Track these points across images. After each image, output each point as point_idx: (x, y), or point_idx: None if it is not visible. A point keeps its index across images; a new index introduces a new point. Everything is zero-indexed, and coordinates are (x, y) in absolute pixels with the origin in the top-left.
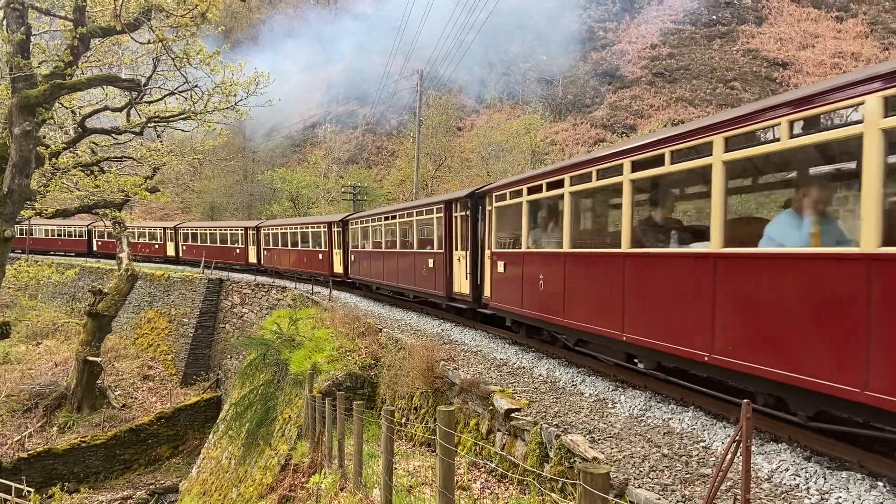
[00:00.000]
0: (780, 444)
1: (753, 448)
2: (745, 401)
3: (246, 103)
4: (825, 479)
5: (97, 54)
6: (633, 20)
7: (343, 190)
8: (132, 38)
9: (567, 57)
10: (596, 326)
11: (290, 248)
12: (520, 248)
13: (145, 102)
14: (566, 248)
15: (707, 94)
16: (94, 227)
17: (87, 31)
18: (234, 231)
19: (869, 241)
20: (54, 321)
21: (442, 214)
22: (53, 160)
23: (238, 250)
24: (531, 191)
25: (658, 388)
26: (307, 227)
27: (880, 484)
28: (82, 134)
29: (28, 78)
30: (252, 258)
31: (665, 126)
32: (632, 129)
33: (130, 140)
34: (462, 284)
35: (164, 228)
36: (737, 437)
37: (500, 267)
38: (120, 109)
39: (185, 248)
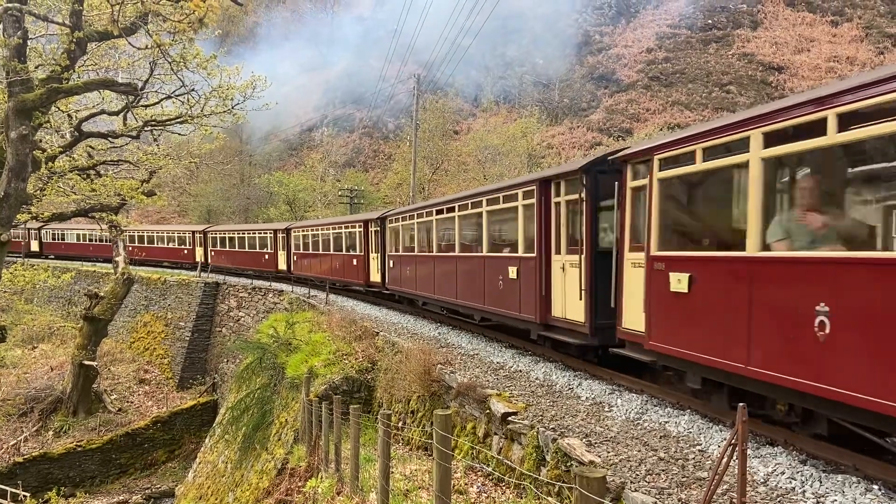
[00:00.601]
0: (775, 448)
1: (749, 451)
2: (741, 404)
3: (243, 107)
4: (821, 482)
5: (94, 58)
6: (629, 24)
7: (340, 193)
8: (129, 42)
9: (563, 61)
10: None
11: (321, 252)
12: (741, 249)
13: (142, 106)
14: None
15: (703, 97)
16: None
17: (83, 35)
18: (262, 234)
19: None
20: (50, 325)
21: (533, 200)
22: (50, 164)
23: (266, 256)
24: (778, 138)
25: (654, 392)
26: (341, 228)
27: (875, 487)
28: (79, 138)
29: (25, 82)
30: (282, 264)
31: (661, 130)
32: (628, 133)
33: (127, 144)
34: (570, 306)
35: (193, 233)
36: (733, 441)
37: (677, 283)
38: (116, 113)
39: (213, 253)
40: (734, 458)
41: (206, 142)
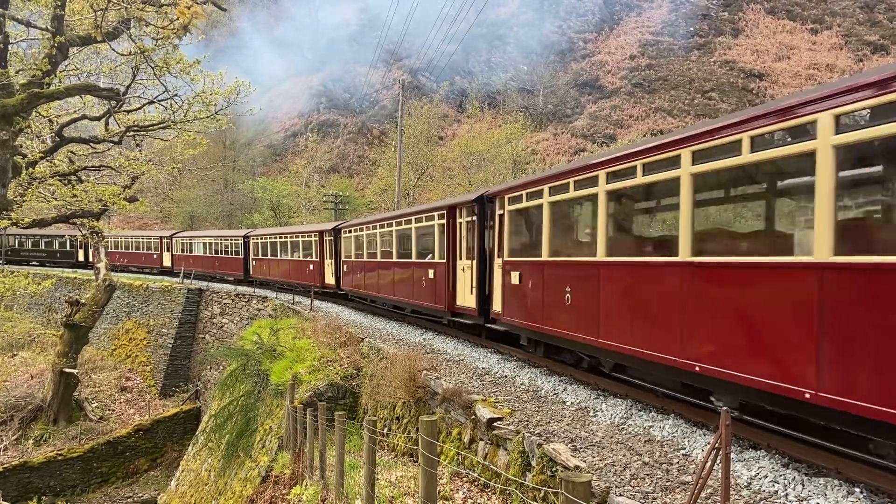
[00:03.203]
0: (758, 451)
1: (733, 455)
2: (724, 408)
3: (226, 112)
4: (803, 485)
5: (75, 63)
6: (613, 31)
7: (324, 199)
8: (111, 47)
9: (547, 67)
10: None
11: (379, 259)
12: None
13: (124, 111)
14: None
15: (685, 104)
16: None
17: (65, 40)
18: (306, 238)
19: None
20: (30, 332)
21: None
22: (30, 169)
23: (311, 266)
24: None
25: (639, 397)
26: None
27: (857, 490)
28: (60, 143)
29: (5, 87)
30: (329, 278)
31: (645, 136)
32: (611, 139)
33: (109, 149)
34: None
35: (233, 239)
36: (716, 445)
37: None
38: (98, 118)
39: (255, 263)
40: (718, 461)
41: (190, 147)
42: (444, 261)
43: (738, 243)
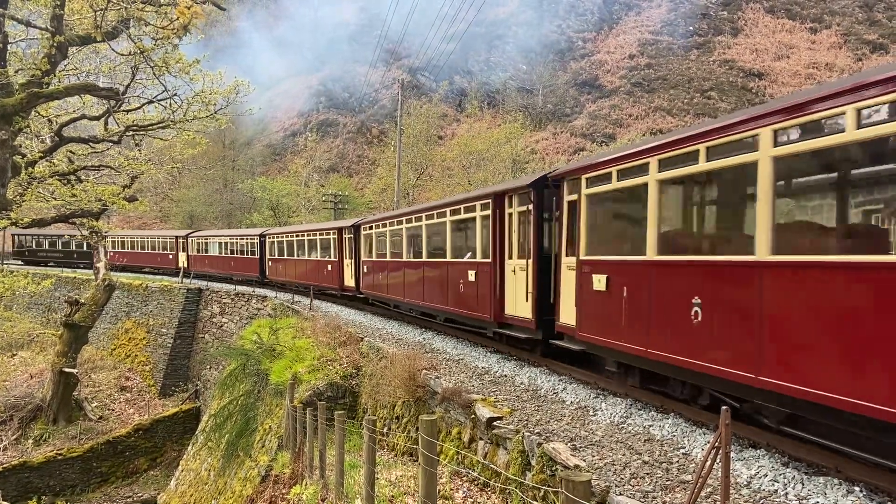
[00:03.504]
0: (758, 450)
1: (732, 454)
2: (724, 408)
3: (226, 112)
4: (803, 484)
5: (75, 62)
6: (612, 31)
7: (324, 198)
8: (111, 47)
9: (546, 66)
10: None
11: (406, 259)
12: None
13: (123, 111)
14: None
15: (685, 103)
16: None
17: (64, 39)
18: (324, 236)
19: None
20: (30, 332)
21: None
22: (30, 169)
23: (329, 267)
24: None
25: (638, 396)
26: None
27: (857, 489)
28: (59, 143)
29: (4, 86)
30: (348, 280)
31: (644, 136)
32: (611, 139)
33: (108, 149)
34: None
35: (248, 237)
36: (716, 444)
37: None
38: (98, 118)
39: (270, 263)
40: (718, 460)
41: (189, 147)
42: (489, 260)
43: None
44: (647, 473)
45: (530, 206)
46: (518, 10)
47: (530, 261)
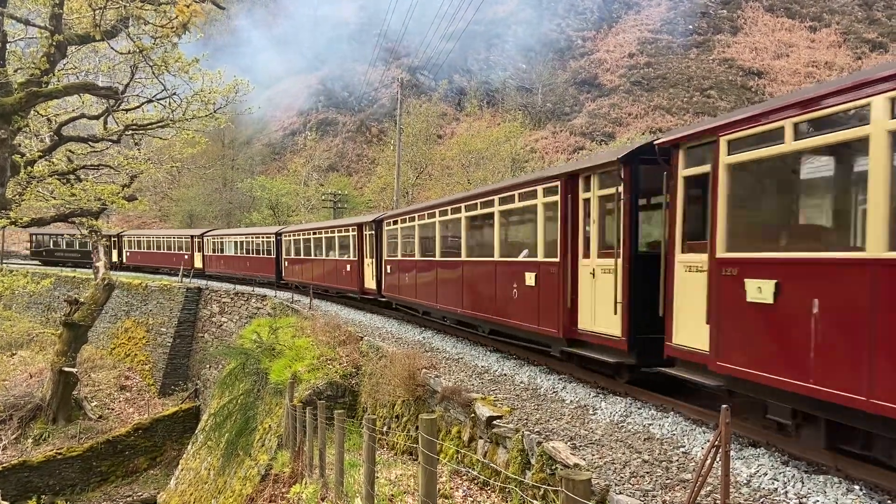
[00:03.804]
0: (758, 449)
1: (732, 453)
2: (724, 406)
3: (225, 111)
4: (803, 482)
5: (74, 61)
6: (611, 29)
7: (323, 197)
8: (110, 45)
9: (546, 65)
10: None
11: (440, 258)
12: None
13: (123, 110)
14: None
15: (684, 102)
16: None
17: (63, 38)
18: (342, 233)
19: None
20: (29, 331)
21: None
22: (29, 168)
23: (349, 267)
24: None
25: (638, 395)
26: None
27: (857, 487)
28: (58, 142)
29: (3, 86)
30: (369, 281)
31: (643, 135)
32: (610, 137)
33: (107, 148)
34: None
35: (264, 236)
36: (716, 443)
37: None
38: (97, 117)
39: (286, 263)
40: (718, 459)
41: (188, 146)
42: (556, 259)
43: None
44: (647, 472)
45: (620, 189)
46: (517, 8)
47: (620, 260)
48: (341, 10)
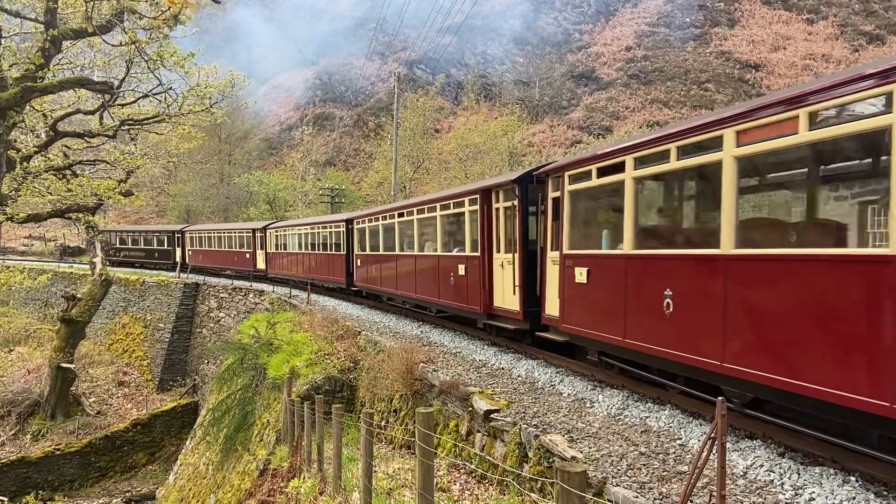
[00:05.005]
0: (754, 441)
1: (729, 445)
2: (720, 398)
3: (221, 105)
4: (799, 474)
5: (69, 56)
6: (609, 23)
7: (321, 192)
8: (104, 40)
9: (543, 59)
10: None
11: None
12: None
13: (118, 105)
14: None
15: (681, 95)
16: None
17: (58, 33)
18: (327, 230)
19: None
20: (27, 327)
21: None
22: (25, 164)
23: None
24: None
25: (635, 388)
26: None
27: (853, 478)
28: (54, 137)
29: None
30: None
31: (641, 128)
32: (608, 131)
33: (103, 143)
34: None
35: (333, 226)
36: (712, 435)
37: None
38: (92, 112)
39: (359, 263)
40: (714, 451)
41: (185, 141)
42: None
43: None
44: (644, 464)
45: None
46: (515, 2)
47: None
48: (338, 3)
